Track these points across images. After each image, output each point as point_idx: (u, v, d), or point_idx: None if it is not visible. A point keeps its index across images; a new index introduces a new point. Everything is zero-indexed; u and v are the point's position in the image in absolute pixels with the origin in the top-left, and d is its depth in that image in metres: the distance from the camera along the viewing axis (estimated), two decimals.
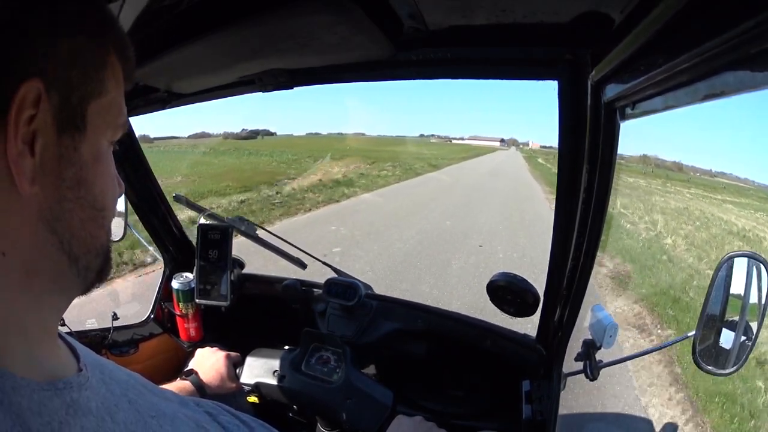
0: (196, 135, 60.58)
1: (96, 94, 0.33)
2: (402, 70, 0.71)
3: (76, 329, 1.05)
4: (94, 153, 0.33)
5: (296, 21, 0.56)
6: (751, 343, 0.74)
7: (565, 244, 0.70)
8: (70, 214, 0.32)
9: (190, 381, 0.91)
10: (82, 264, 0.34)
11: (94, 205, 0.34)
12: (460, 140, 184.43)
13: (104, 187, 0.35)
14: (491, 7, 0.50)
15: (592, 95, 0.55)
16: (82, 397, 0.31)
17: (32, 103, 0.29)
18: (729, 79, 0.30)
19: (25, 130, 0.29)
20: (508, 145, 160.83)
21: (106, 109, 0.34)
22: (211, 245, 1.12)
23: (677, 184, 33.92)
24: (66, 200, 0.32)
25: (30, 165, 0.29)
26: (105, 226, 0.36)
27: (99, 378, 0.35)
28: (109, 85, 0.34)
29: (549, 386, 0.81)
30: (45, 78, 0.29)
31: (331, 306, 1.10)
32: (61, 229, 0.32)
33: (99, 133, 0.34)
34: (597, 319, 0.80)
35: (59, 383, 0.30)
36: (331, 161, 19.43)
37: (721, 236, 9.37)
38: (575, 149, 0.61)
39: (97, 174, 0.34)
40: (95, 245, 0.35)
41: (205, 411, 0.44)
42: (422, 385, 1.04)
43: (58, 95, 0.30)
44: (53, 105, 0.30)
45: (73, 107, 0.31)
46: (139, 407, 0.36)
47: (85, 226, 0.33)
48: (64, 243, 0.32)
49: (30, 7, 0.29)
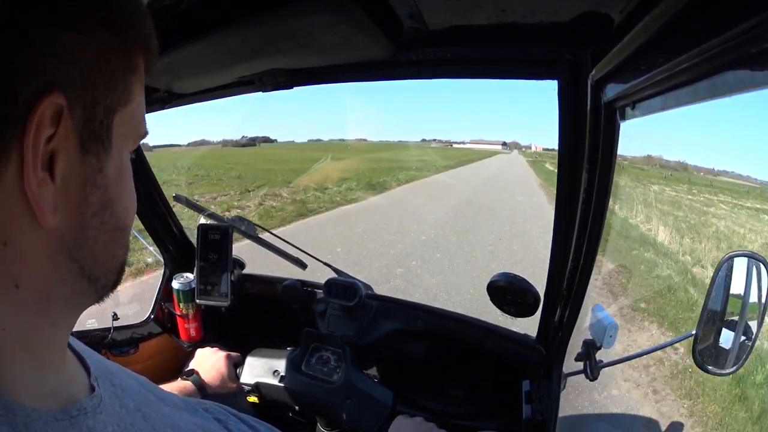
0: (196, 143, 60.37)
1: (122, 103, 0.29)
2: (402, 70, 0.71)
3: (76, 329, 1.05)
4: (119, 169, 0.30)
5: (296, 21, 0.56)
6: (751, 342, 0.74)
7: (565, 245, 0.70)
8: (94, 241, 0.29)
9: (191, 381, 0.91)
10: (101, 284, 0.31)
11: (118, 226, 0.31)
12: (461, 144, 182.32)
13: (128, 203, 0.31)
14: (491, 7, 0.50)
15: (592, 95, 0.55)
16: (98, 424, 0.29)
17: (52, 121, 0.25)
18: (729, 79, 0.30)
19: (44, 151, 0.25)
20: (510, 149, 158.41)
21: (131, 118, 0.30)
22: (211, 245, 1.12)
23: (702, 190, 26.86)
24: (90, 228, 0.29)
25: (51, 193, 0.25)
26: (126, 243, 0.33)
27: (111, 392, 0.33)
28: (135, 91, 0.30)
29: (549, 386, 0.81)
30: (66, 89, 0.25)
31: (332, 306, 1.10)
32: (82, 257, 0.29)
33: (123, 146, 0.30)
34: (597, 319, 0.80)
35: (73, 410, 0.28)
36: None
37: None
38: (575, 149, 0.61)
39: (122, 191, 0.31)
40: (115, 264, 0.32)
41: (214, 418, 0.43)
42: (422, 385, 1.04)
43: (81, 108, 0.26)
44: (76, 121, 0.26)
45: (98, 121, 0.27)
46: (155, 423, 0.35)
47: (108, 249, 0.31)
48: (85, 269, 0.29)
49: (45, 3, 0.24)
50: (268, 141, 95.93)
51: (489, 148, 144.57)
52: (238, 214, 1.10)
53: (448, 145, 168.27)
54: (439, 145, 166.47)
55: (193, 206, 1.22)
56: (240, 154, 31.30)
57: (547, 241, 0.77)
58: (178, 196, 1.21)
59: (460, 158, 46.20)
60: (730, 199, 21.80)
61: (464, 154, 64.64)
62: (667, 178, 35.63)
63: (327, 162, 19.75)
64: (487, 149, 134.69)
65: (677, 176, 45.05)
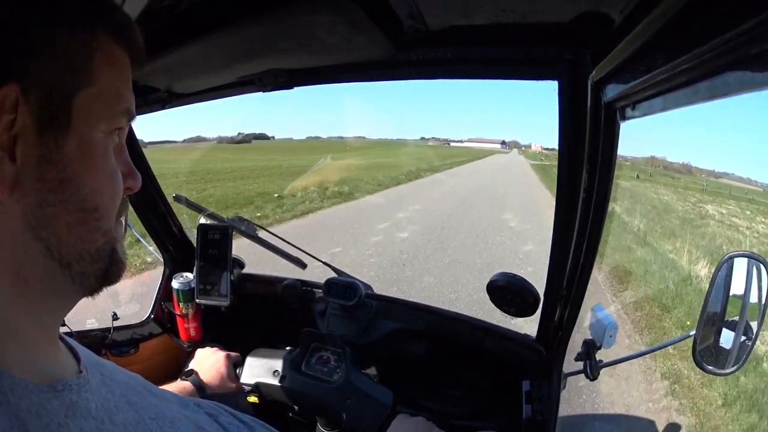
0: (192, 139, 60.01)
1: (83, 85, 0.30)
2: (402, 70, 0.71)
3: (76, 329, 1.05)
4: (83, 147, 0.30)
5: (296, 21, 0.56)
6: (751, 343, 0.74)
7: (565, 244, 0.70)
8: (55, 219, 0.30)
9: (190, 381, 0.91)
10: (75, 270, 0.32)
11: (83, 207, 0.31)
12: (459, 143, 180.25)
13: (97, 184, 0.31)
14: (491, 7, 0.50)
15: (592, 95, 0.55)
16: (81, 399, 0.31)
17: (11, 108, 0.27)
18: (729, 79, 0.30)
19: (6, 136, 0.27)
20: (509, 148, 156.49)
21: (96, 98, 0.31)
22: (211, 245, 1.12)
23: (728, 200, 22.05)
24: (48, 204, 0.29)
25: (10, 171, 0.28)
26: (101, 228, 0.32)
27: (99, 379, 0.34)
28: (99, 73, 0.31)
29: (549, 386, 0.81)
30: (23, 79, 0.27)
31: (331, 306, 1.10)
32: (46, 235, 0.30)
33: (89, 126, 0.31)
34: (597, 319, 0.80)
35: (58, 385, 0.30)
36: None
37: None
38: (575, 149, 0.61)
39: (88, 171, 0.31)
40: (89, 250, 0.32)
41: (205, 412, 0.44)
42: (422, 385, 1.04)
43: (38, 95, 0.28)
44: (33, 106, 0.28)
45: (56, 104, 0.29)
46: (139, 409, 0.36)
47: (74, 231, 0.31)
48: (52, 249, 0.30)
49: (2, 2, 0.27)
50: (264, 138, 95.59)
51: (487, 147, 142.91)
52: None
53: (445, 144, 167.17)
54: (436, 143, 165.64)
55: (193, 206, 1.22)
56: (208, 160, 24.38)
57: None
58: (178, 196, 1.21)
59: (444, 159, 36.42)
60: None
61: (456, 154, 56.55)
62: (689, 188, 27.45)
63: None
64: (484, 148, 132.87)
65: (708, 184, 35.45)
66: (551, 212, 0.71)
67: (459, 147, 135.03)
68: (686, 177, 45.95)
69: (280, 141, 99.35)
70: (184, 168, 15.92)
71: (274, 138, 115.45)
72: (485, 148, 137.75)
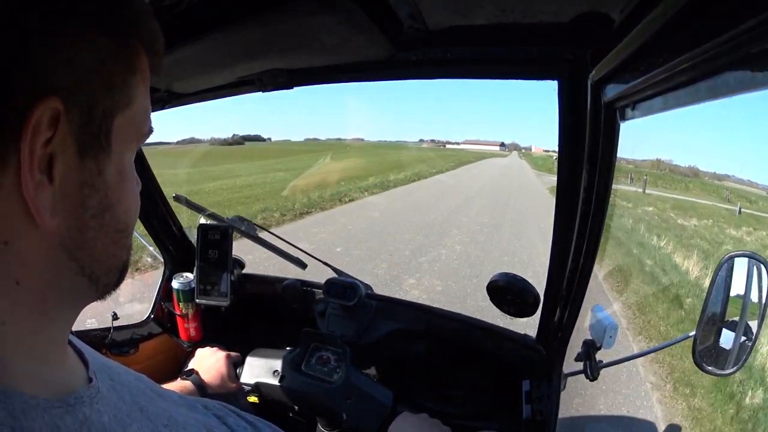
0: (185, 141, 59.29)
1: (123, 105, 0.29)
2: (402, 70, 0.71)
3: (76, 329, 1.05)
4: (120, 172, 0.30)
5: (296, 21, 0.56)
6: (751, 343, 0.74)
7: (565, 245, 0.70)
8: (93, 242, 0.30)
9: (191, 381, 0.91)
10: (102, 283, 0.32)
11: (118, 228, 0.31)
12: (455, 145, 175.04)
13: (129, 205, 0.32)
14: (491, 7, 0.50)
15: (592, 95, 0.55)
16: (94, 412, 0.30)
17: (49, 125, 0.25)
18: (729, 79, 0.30)
19: (41, 154, 0.25)
20: (509, 150, 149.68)
21: (132, 119, 0.30)
22: (211, 245, 1.12)
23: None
24: (89, 229, 0.29)
25: (49, 195, 0.26)
26: (127, 244, 0.33)
27: (109, 386, 0.34)
28: (137, 91, 0.30)
29: (549, 386, 0.81)
30: (63, 93, 0.25)
31: (331, 306, 1.10)
32: (82, 257, 0.29)
33: (125, 148, 0.30)
34: (597, 319, 0.80)
35: (70, 399, 0.29)
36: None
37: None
38: (575, 149, 0.61)
39: (122, 194, 0.31)
40: (116, 264, 0.33)
41: (213, 414, 0.43)
42: (422, 385, 1.04)
43: (79, 112, 0.26)
44: (73, 124, 0.26)
45: (97, 124, 0.27)
46: (152, 416, 0.35)
47: (108, 250, 0.31)
48: (85, 268, 0.30)
49: (43, 7, 0.25)
50: (260, 140, 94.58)
51: (484, 149, 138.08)
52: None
53: (440, 146, 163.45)
54: (432, 145, 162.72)
55: (193, 206, 1.22)
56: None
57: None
58: (178, 196, 1.21)
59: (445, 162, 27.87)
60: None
61: (457, 157, 49.17)
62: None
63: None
64: (481, 150, 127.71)
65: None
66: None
67: (454, 149, 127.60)
68: (694, 181, 42.86)
69: (278, 143, 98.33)
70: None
71: (270, 140, 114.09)
72: (482, 150, 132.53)
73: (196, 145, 58.58)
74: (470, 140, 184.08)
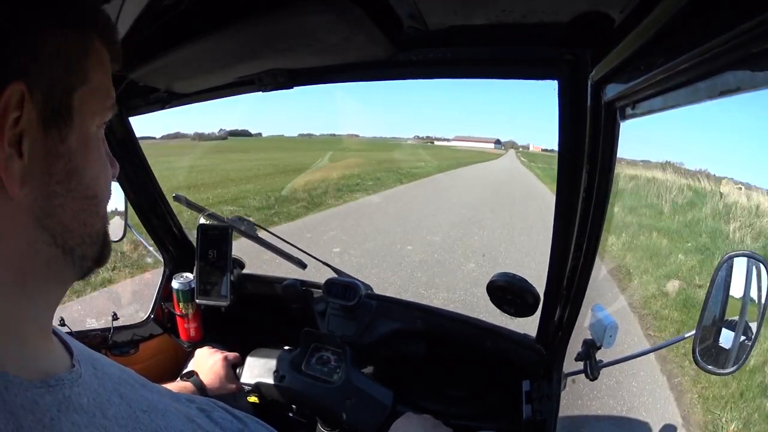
0: (169, 136, 58.58)
1: (80, 84, 0.33)
2: (402, 70, 0.71)
3: (76, 329, 1.05)
4: (83, 140, 0.33)
5: (296, 21, 0.56)
6: (751, 342, 0.74)
7: (565, 244, 0.70)
8: (62, 209, 0.32)
9: (191, 382, 0.91)
10: (77, 254, 0.34)
11: (86, 194, 0.34)
12: (444, 141, 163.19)
13: (95, 172, 0.34)
14: (491, 7, 0.50)
15: (592, 95, 0.55)
16: (73, 394, 0.31)
17: (16, 106, 0.28)
18: (729, 79, 0.30)
19: (12, 133, 0.29)
20: (505, 148, 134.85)
21: (91, 96, 0.34)
22: (211, 245, 1.12)
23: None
24: (56, 195, 0.32)
25: (19, 167, 0.29)
26: (100, 212, 0.35)
27: (91, 373, 0.35)
28: (93, 73, 0.34)
29: (549, 386, 0.81)
30: (27, 77, 0.29)
31: (331, 306, 1.10)
32: (52, 225, 0.32)
33: (86, 120, 0.34)
34: (597, 319, 0.80)
35: (51, 380, 0.30)
36: None
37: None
38: (575, 149, 0.61)
39: (88, 160, 0.34)
40: (90, 234, 0.35)
41: (197, 407, 0.44)
42: (422, 386, 1.04)
43: (41, 92, 0.30)
44: (37, 103, 0.30)
45: (57, 101, 0.31)
46: (131, 402, 0.36)
47: (78, 217, 0.33)
48: (57, 237, 0.32)
49: (13, 8, 0.29)
50: (247, 135, 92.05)
51: (477, 147, 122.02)
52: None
53: (427, 142, 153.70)
54: (416, 141, 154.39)
55: (193, 206, 1.22)
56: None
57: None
58: (178, 196, 1.21)
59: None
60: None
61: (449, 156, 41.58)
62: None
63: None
64: (473, 148, 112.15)
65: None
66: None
67: (443, 147, 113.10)
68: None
69: (268, 139, 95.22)
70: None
71: (261, 135, 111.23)
72: (474, 147, 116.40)
73: (181, 140, 57.49)
74: (460, 137, 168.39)
